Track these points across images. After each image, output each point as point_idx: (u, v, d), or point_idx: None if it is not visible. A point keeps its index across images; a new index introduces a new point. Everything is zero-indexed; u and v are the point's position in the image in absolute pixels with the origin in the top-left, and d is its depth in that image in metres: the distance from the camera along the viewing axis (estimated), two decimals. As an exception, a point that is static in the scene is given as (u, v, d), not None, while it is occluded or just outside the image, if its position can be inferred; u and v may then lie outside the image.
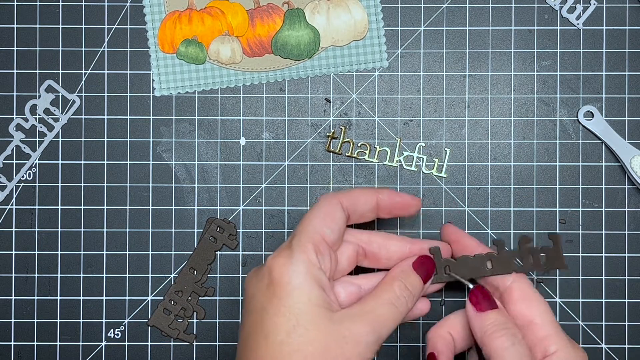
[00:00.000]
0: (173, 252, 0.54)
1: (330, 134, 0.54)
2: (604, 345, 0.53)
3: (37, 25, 0.54)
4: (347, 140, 0.54)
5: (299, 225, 0.44)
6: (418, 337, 0.54)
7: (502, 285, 0.46)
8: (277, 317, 0.40)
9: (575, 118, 0.54)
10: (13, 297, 0.54)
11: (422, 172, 0.54)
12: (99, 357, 0.54)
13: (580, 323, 0.54)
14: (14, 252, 0.54)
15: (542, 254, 0.47)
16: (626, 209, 0.54)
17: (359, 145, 0.54)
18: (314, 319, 0.40)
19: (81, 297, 0.54)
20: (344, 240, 0.46)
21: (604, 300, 0.54)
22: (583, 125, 0.54)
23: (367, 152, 0.54)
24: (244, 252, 0.54)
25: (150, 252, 0.54)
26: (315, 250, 0.42)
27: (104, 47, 0.54)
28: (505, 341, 0.42)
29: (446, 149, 0.54)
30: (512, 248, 0.54)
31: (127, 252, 0.54)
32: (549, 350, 0.43)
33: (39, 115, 0.54)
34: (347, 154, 0.54)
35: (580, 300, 0.54)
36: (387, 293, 0.43)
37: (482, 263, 0.46)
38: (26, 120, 0.54)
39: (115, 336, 0.54)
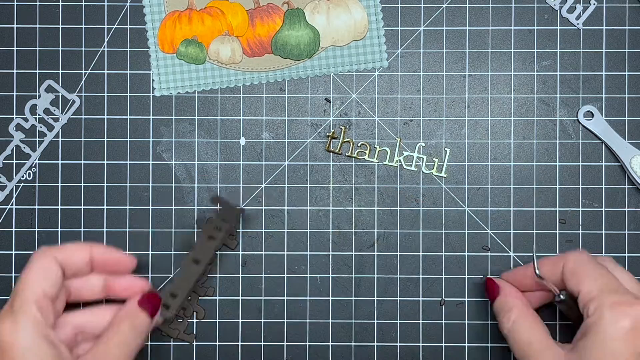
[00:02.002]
0: (173, 252, 0.54)
1: (330, 134, 0.54)
2: (603, 345, 0.53)
3: (37, 25, 0.54)
4: (347, 140, 0.54)
5: (17, 284, 0.44)
6: (418, 337, 0.54)
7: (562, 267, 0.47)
8: None
9: (575, 118, 0.54)
10: (13, 297, 0.54)
11: (422, 172, 0.54)
12: (99, 357, 0.54)
13: (580, 323, 0.54)
14: (14, 252, 0.54)
15: (220, 220, 0.52)
16: (626, 209, 0.54)
17: (359, 145, 0.54)
18: None
19: (81, 297, 0.54)
20: None
21: (604, 300, 0.54)
22: (583, 125, 0.54)
23: (367, 152, 0.54)
24: (244, 252, 0.54)
25: (150, 252, 0.54)
26: (38, 309, 0.42)
27: (104, 47, 0.54)
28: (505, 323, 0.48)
29: (446, 149, 0.54)
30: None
31: (127, 252, 0.54)
32: (588, 313, 0.43)
33: (39, 115, 0.54)
34: (347, 154, 0.54)
35: (580, 300, 0.54)
36: (117, 335, 0.45)
37: (193, 274, 0.52)
38: (26, 120, 0.54)
39: (115, 336, 0.54)
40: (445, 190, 0.54)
